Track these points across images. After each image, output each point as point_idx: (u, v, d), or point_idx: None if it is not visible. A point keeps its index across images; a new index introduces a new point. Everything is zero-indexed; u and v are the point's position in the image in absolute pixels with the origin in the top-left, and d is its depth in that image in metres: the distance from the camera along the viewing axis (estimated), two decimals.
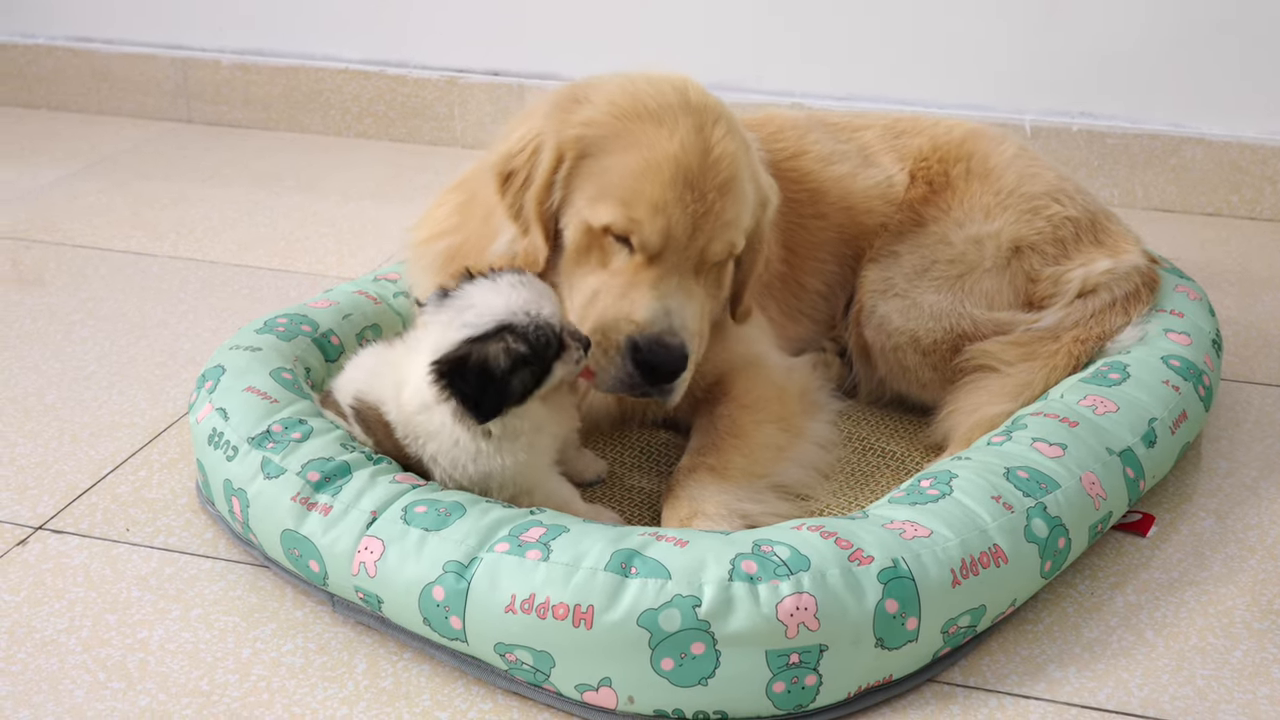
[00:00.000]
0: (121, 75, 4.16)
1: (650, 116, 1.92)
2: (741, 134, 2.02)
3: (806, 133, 2.47)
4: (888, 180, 2.42)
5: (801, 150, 2.44)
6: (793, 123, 2.49)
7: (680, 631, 1.59)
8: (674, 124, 1.91)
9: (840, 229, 2.41)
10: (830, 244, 2.41)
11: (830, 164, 2.44)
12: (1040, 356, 2.22)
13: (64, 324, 2.76)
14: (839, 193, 2.41)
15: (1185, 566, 1.98)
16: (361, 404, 1.92)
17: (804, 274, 2.39)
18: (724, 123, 1.97)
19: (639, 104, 1.94)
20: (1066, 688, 1.72)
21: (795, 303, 2.39)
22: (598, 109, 1.95)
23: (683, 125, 1.91)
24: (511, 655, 1.66)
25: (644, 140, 1.91)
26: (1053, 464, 1.90)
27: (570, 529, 1.72)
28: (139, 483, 2.18)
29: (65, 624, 1.84)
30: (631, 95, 1.95)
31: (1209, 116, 3.42)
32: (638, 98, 1.95)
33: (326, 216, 3.40)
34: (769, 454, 2.05)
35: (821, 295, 2.41)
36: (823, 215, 2.40)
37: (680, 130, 1.91)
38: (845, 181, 2.42)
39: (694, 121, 1.92)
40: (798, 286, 2.39)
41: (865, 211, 2.41)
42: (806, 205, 2.39)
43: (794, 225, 2.37)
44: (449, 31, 3.89)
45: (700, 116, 1.94)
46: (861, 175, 2.43)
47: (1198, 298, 2.43)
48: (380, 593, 1.75)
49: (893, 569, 1.66)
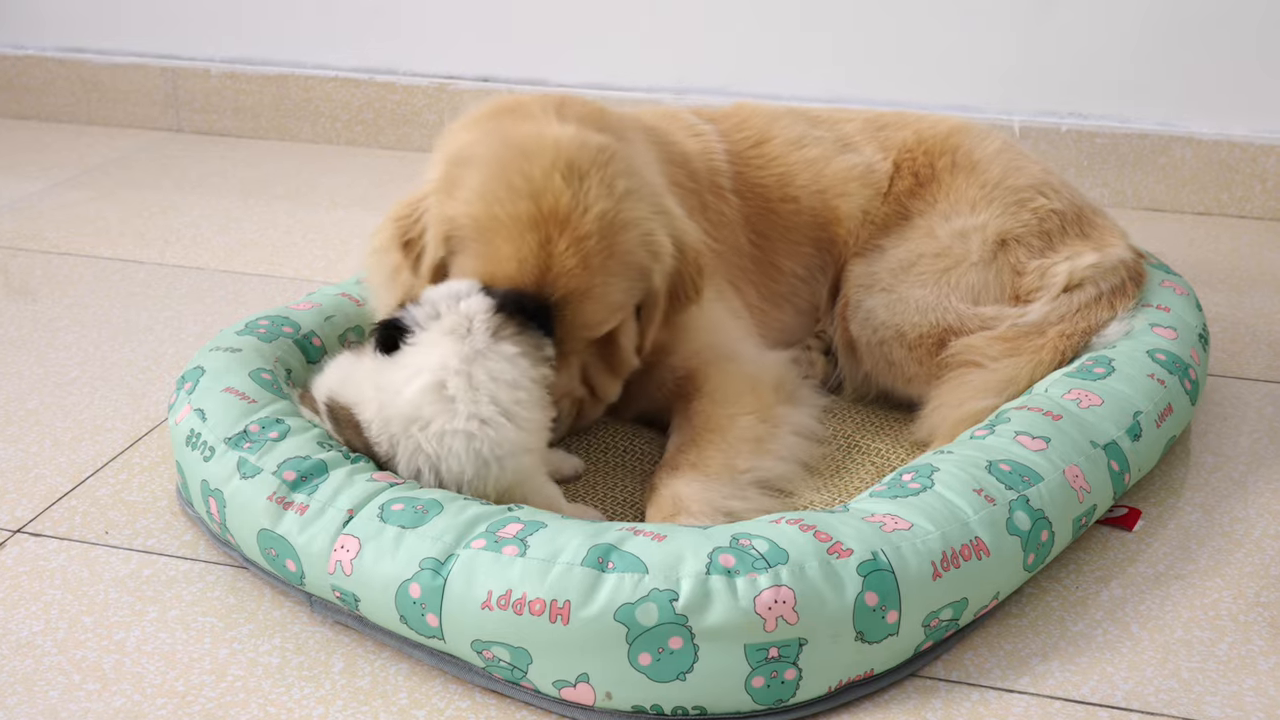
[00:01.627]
0: (111, 85, 4.16)
1: (500, 228, 1.94)
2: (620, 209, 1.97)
3: (774, 120, 2.47)
4: (867, 165, 2.41)
5: (767, 136, 2.44)
6: (761, 112, 2.49)
7: (658, 626, 1.57)
8: (519, 239, 1.92)
9: (814, 212, 2.40)
10: (804, 227, 2.40)
11: (800, 147, 2.43)
12: (1025, 351, 2.20)
13: (48, 330, 2.75)
14: (810, 176, 2.41)
15: (1171, 560, 1.96)
16: (334, 403, 1.92)
17: (778, 256, 2.39)
18: (583, 221, 1.93)
19: (493, 210, 1.95)
20: (1050, 681, 1.71)
21: (773, 285, 2.38)
22: (460, 206, 1.98)
23: (528, 241, 1.92)
24: (489, 652, 1.64)
25: (490, 254, 1.94)
26: (1036, 457, 1.89)
27: (548, 525, 1.70)
28: (119, 486, 2.17)
29: (41, 626, 1.82)
30: (492, 193, 1.95)
31: (1198, 115, 3.40)
32: (495, 200, 1.94)
33: (314, 223, 3.39)
34: (748, 447, 2.04)
35: (800, 279, 2.41)
36: (793, 199, 2.40)
37: (524, 247, 1.92)
38: (817, 165, 2.42)
39: (539, 236, 1.92)
40: (773, 269, 2.38)
41: (840, 195, 2.40)
42: (774, 189, 2.39)
43: (761, 210, 2.38)
44: (438, 38, 3.88)
45: (547, 229, 1.92)
46: (836, 160, 2.43)
47: (1184, 293, 2.42)
48: (357, 591, 1.73)
49: (872, 561, 1.64)
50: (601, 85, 3.73)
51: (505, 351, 1.84)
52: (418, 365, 1.82)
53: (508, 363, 1.84)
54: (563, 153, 1.96)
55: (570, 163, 1.96)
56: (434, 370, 1.81)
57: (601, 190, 1.96)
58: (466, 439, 1.81)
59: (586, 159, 1.97)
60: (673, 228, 2.06)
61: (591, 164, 1.97)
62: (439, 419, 1.80)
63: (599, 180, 1.96)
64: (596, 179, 1.96)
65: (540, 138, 1.99)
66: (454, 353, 1.82)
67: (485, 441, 1.81)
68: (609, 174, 1.98)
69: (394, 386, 1.82)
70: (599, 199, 1.95)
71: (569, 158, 1.96)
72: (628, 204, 1.99)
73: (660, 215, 2.05)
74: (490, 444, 1.81)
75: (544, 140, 1.99)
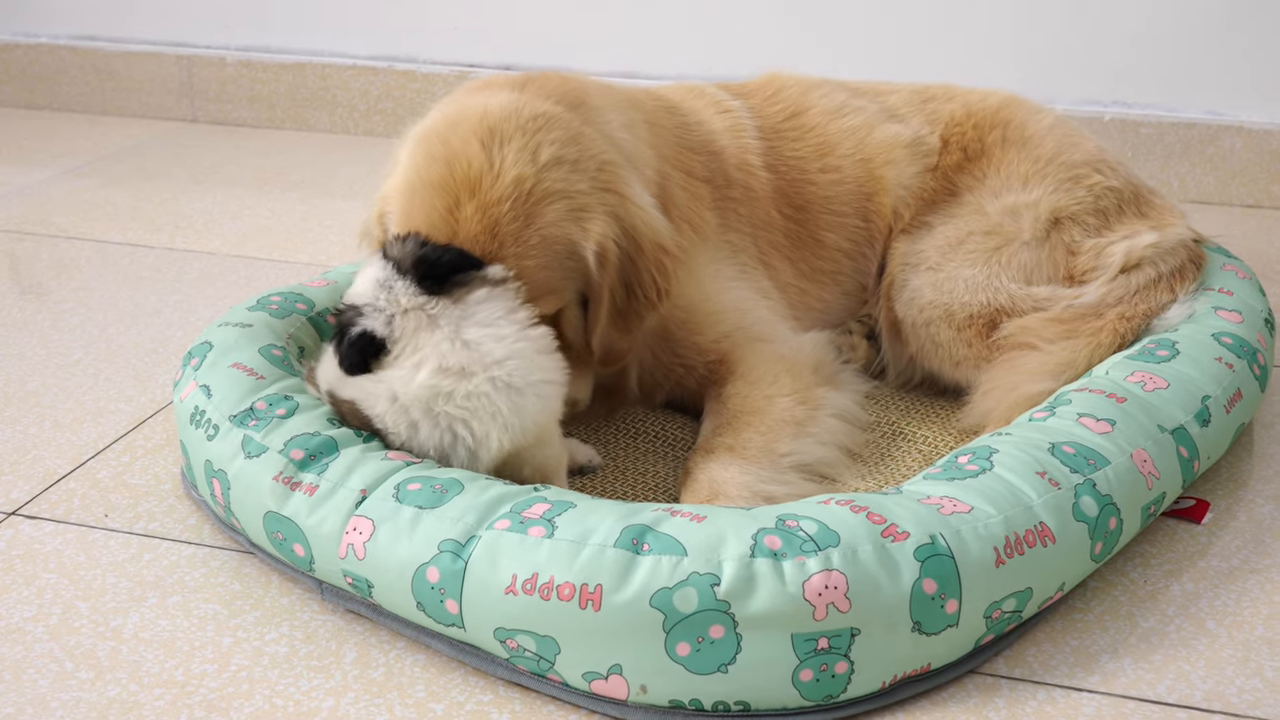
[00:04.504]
0: (125, 74, 4.07)
1: (414, 195, 1.85)
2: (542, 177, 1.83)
3: (810, 90, 2.35)
4: (915, 136, 2.29)
5: (803, 107, 2.33)
6: (795, 82, 2.37)
7: (697, 613, 1.44)
8: (428, 205, 1.82)
9: (858, 181, 2.28)
10: (847, 197, 2.27)
11: (841, 116, 2.32)
12: (1083, 334, 2.07)
13: (53, 313, 2.64)
14: (852, 144, 2.29)
15: (1246, 554, 1.82)
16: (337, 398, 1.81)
17: (820, 229, 2.26)
18: (494, 187, 1.80)
19: (411, 179, 1.86)
20: (1122, 679, 1.57)
21: (814, 261, 2.25)
22: (393, 180, 1.92)
23: (435, 205, 1.82)
24: (513, 641, 1.51)
25: (404, 223, 1.85)
26: (1101, 440, 1.75)
27: (577, 505, 1.58)
28: (121, 468, 2.05)
29: (33, 611, 1.70)
30: (414, 163, 1.87)
31: (1248, 103, 3.27)
32: (415, 168, 1.86)
33: (331, 210, 3.28)
34: (787, 429, 1.91)
35: (845, 253, 2.27)
36: (835, 168, 2.28)
37: (431, 213, 1.82)
38: (860, 133, 2.30)
39: (446, 201, 1.81)
40: (814, 243, 2.25)
41: (886, 163, 2.28)
42: (811, 160, 2.28)
43: (798, 182, 2.25)
44: (459, 25, 3.78)
45: (456, 194, 1.81)
46: (880, 128, 2.31)
47: (1246, 276, 2.29)
48: (370, 576, 1.61)
49: (930, 546, 1.51)
50: (628, 73, 3.62)
51: (475, 299, 1.73)
52: (414, 362, 1.70)
53: (484, 306, 1.73)
54: (486, 119, 1.84)
55: (492, 129, 1.82)
56: (433, 357, 1.69)
57: (522, 156, 1.81)
58: (492, 383, 1.69)
59: (511, 125, 1.83)
60: (625, 214, 1.88)
61: (516, 130, 1.83)
62: (459, 386, 1.69)
63: (520, 146, 1.82)
64: (517, 144, 1.82)
65: (475, 107, 1.87)
66: (440, 338, 1.70)
67: (513, 373, 1.70)
68: (535, 141, 1.83)
69: (398, 380, 1.71)
70: (516, 164, 1.81)
71: (491, 124, 1.83)
72: (555, 173, 1.83)
73: (605, 194, 1.87)
74: (518, 373, 1.71)
75: (475, 109, 1.86)
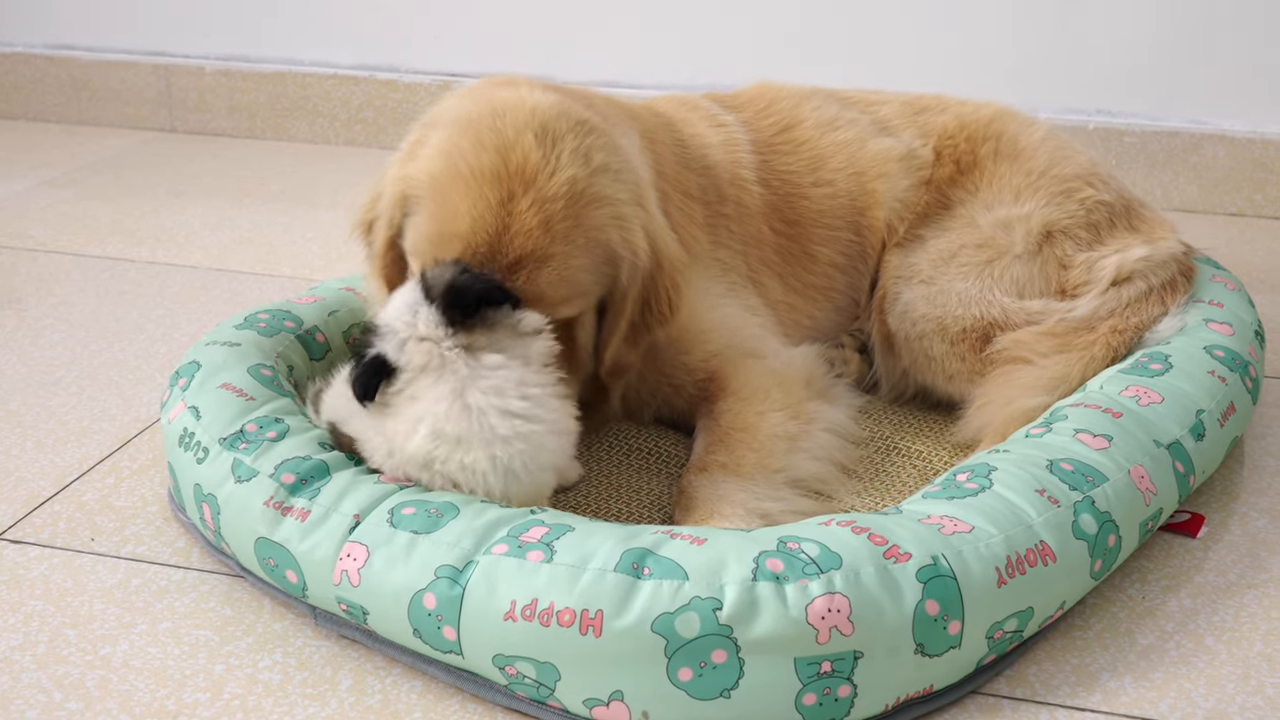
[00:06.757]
0: (102, 84, 4.02)
1: (459, 182, 1.77)
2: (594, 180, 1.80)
3: (803, 102, 2.34)
4: (908, 150, 2.28)
5: (795, 121, 2.31)
6: (788, 94, 2.36)
7: (700, 638, 1.43)
8: (478, 194, 1.76)
9: (850, 195, 2.27)
10: (840, 211, 2.26)
11: (834, 130, 2.30)
12: (1076, 348, 2.07)
13: (32, 329, 2.61)
14: (844, 158, 2.28)
15: (1242, 569, 1.82)
16: (338, 431, 1.79)
17: (812, 243, 2.25)
18: (550, 183, 1.77)
19: (454, 164, 1.79)
20: (1124, 698, 1.56)
21: (806, 276, 2.24)
22: (421, 164, 1.83)
23: (487, 196, 1.75)
24: (512, 668, 1.49)
25: (444, 211, 1.78)
26: (1099, 456, 1.75)
27: (575, 528, 1.56)
28: (106, 490, 2.02)
29: (19, 640, 1.67)
30: (456, 149, 1.79)
31: (1231, 112, 3.28)
32: (459, 154, 1.79)
33: (313, 221, 3.25)
34: (780, 445, 1.90)
35: (838, 268, 2.26)
36: (827, 182, 2.26)
37: (481, 203, 1.75)
38: (852, 147, 2.29)
39: (500, 193, 1.76)
40: (806, 258, 2.24)
41: (878, 176, 2.27)
42: (805, 174, 2.26)
43: (791, 196, 2.24)
44: (441, 34, 3.75)
45: (510, 185, 1.76)
46: (873, 142, 2.30)
47: (1235, 288, 2.29)
48: (365, 603, 1.59)
49: (932, 567, 1.50)
50: (609, 82, 3.60)
51: (490, 364, 1.67)
52: (413, 416, 1.66)
53: (498, 373, 1.67)
54: (539, 115, 1.82)
55: (545, 125, 1.81)
56: (430, 418, 1.65)
57: (576, 157, 1.80)
58: (491, 462, 1.66)
59: (564, 125, 1.82)
60: (651, 228, 1.88)
61: (569, 131, 1.82)
62: (454, 455, 1.66)
63: (574, 147, 1.81)
64: (571, 145, 1.81)
65: (518, 101, 1.85)
66: (442, 394, 1.65)
67: (514, 458, 1.66)
68: (586, 144, 1.82)
69: (397, 436, 1.68)
70: (571, 165, 1.79)
71: (544, 120, 1.81)
72: (603, 179, 1.82)
73: (638, 208, 1.87)
74: (520, 459, 1.67)
75: (521, 102, 1.84)
